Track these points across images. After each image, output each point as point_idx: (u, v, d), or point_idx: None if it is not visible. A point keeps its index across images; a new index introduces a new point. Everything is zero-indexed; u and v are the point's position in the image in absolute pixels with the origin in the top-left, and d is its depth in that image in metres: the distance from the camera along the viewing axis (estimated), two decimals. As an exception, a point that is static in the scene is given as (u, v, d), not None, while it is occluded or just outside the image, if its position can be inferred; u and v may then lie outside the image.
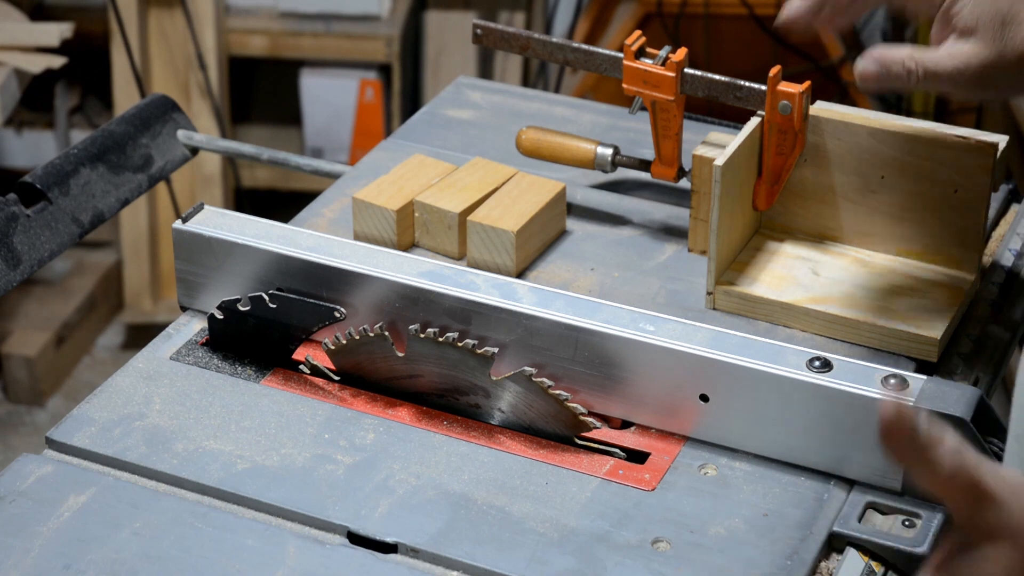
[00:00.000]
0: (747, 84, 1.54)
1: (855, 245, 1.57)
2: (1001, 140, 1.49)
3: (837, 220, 1.57)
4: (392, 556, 1.26)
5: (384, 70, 3.51)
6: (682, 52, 1.58)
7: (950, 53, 1.33)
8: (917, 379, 1.30)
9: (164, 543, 1.26)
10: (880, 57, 1.35)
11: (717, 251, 1.50)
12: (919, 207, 1.53)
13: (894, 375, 1.30)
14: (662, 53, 1.57)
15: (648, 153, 1.68)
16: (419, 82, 3.60)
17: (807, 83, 1.52)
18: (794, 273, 1.54)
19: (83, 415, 1.39)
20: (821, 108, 1.54)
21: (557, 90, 3.45)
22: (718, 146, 1.57)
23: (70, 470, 1.34)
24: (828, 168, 1.55)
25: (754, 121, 1.53)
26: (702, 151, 1.58)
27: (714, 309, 1.53)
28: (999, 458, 1.27)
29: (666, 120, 1.60)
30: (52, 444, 1.37)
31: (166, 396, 1.41)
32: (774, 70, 1.52)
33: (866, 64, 1.35)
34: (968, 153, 1.48)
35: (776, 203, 1.58)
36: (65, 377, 3.42)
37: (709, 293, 1.53)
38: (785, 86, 1.51)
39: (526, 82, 3.58)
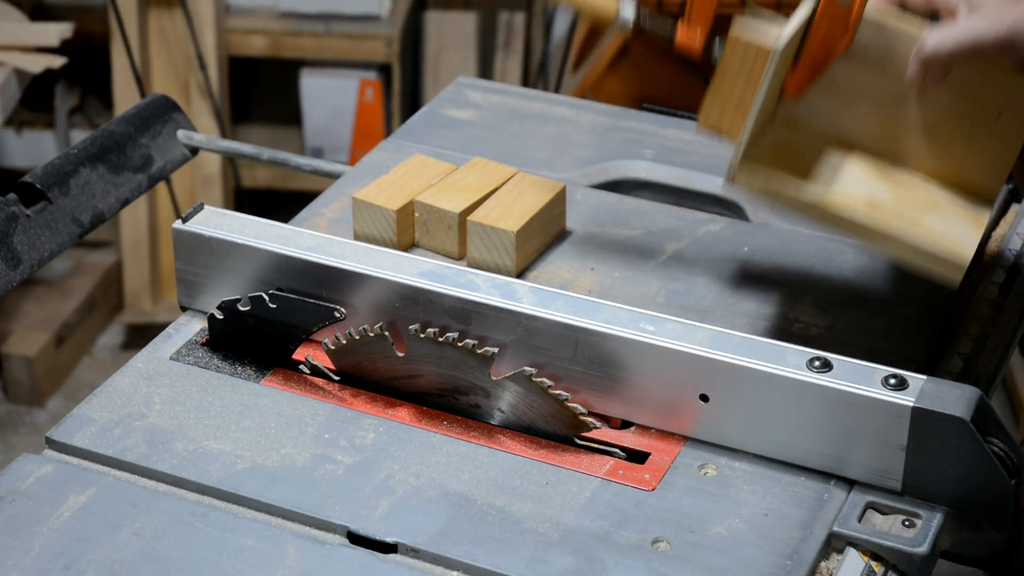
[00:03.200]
0: None
1: (877, 154, 1.49)
2: None
3: (863, 124, 1.49)
4: (392, 556, 1.26)
5: (384, 70, 3.51)
6: None
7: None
8: (917, 379, 1.30)
9: (164, 543, 1.26)
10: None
11: (753, 129, 1.40)
12: (953, 124, 1.46)
13: (894, 375, 1.30)
14: None
15: (648, 153, 1.67)
16: (419, 82, 3.60)
17: None
18: (818, 170, 1.46)
19: (83, 415, 1.39)
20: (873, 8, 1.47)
21: (557, 90, 3.44)
22: (754, 29, 1.43)
23: (70, 470, 1.34)
24: (867, 68, 1.47)
25: (809, 3, 1.42)
26: (740, 30, 1.42)
27: (732, 182, 1.43)
28: (1000, 459, 1.27)
29: None
30: (52, 444, 1.37)
31: (166, 396, 1.41)
32: None
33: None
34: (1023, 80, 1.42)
35: (804, 98, 1.48)
36: (65, 377, 3.42)
37: (730, 173, 1.42)
38: None
39: (526, 82, 3.58)
